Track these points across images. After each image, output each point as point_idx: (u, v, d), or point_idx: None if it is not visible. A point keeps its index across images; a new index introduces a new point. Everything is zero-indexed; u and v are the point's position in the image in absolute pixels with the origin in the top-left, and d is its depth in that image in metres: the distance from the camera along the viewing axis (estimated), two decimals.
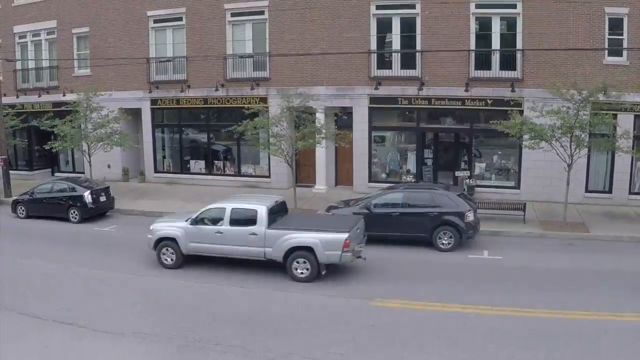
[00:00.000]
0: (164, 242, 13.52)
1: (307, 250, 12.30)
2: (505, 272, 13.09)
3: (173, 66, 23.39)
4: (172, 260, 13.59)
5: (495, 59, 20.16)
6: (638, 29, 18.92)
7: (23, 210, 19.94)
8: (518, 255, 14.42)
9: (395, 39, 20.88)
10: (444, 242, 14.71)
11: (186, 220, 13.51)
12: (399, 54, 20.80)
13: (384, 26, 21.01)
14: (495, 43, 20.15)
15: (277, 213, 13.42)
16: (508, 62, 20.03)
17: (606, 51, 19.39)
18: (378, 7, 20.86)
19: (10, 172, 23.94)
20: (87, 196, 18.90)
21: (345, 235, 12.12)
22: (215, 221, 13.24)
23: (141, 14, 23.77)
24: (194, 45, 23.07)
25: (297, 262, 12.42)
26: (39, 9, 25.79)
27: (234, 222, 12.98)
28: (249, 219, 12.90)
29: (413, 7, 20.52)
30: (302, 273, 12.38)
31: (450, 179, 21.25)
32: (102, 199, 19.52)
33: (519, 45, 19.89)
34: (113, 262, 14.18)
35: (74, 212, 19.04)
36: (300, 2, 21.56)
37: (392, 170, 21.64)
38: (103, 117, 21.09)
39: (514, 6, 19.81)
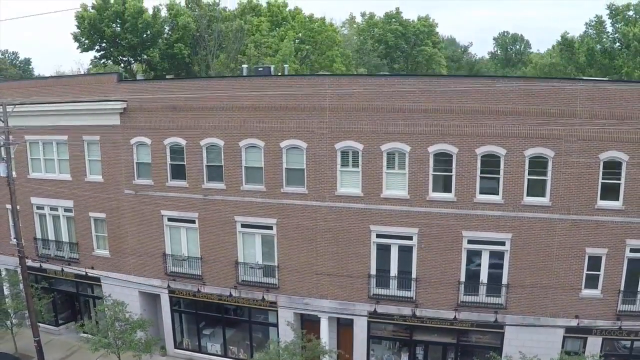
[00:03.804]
0: None
1: None
2: None
3: (189, 263, 25.13)
4: None
5: (483, 288, 22.46)
6: (614, 266, 21.29)
7: None
8: None
9: (394, 264, 22.87)
10: None
11: None
12: (396, 279, 22.93)
13: (383, 253, 22.93)
14: (484, 273, 22.32)
15: None
16: (494, 291, 22.38)
17: (583, 284, 21.83)
18: (378, 236, 22.73)
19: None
20: None
21: None
22: None
23: (156, 211, 25.12)
24: (207, 246, 24.69)
25: None
26: (55, 186, 26.59)
27: None
28: None
29: (410, 238, 22.40)
30: None
31: None
32: None
33: (505, 273, 22.12)
34: None
35: None
36: (305, 225, 23.25)
37: None
38: (126, 322, 23.37)
39: (503, 243, 21.84)
